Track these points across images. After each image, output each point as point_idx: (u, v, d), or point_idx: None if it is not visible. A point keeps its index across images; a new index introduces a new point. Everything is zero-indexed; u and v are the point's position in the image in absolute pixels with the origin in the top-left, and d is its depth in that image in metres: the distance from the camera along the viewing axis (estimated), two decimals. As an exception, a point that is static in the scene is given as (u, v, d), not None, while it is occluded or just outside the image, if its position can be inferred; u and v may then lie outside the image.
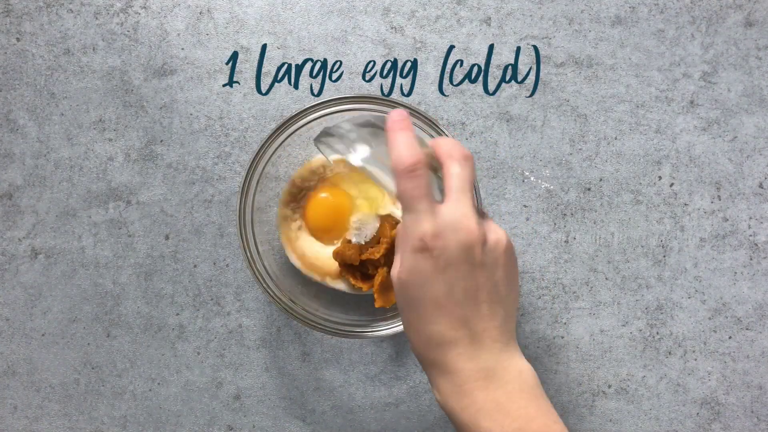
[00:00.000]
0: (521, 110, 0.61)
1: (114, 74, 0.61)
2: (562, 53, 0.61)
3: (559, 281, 0.61)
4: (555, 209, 0.61)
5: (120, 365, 0.61)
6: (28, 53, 0.61)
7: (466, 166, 0.44)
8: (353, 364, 0.61)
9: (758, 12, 0.61)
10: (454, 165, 0.44)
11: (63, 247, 0.61)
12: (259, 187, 0.55)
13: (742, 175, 0.61)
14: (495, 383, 0.43)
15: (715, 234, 0.61)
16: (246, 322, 0.61)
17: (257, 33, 0.61)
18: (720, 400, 0.60)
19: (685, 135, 0.61)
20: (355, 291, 0.59)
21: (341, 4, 0.61)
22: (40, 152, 0.61)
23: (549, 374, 0.61)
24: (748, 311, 0.61)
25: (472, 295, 0.43)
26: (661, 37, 0.61)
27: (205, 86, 0.61)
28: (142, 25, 0.61)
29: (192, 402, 0.61)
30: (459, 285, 0.43)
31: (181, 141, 0.61)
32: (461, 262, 0.43)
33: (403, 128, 0.45)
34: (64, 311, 0.61)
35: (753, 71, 0.61)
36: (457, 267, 0.43)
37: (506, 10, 0.61)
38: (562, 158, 0.61)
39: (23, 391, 0.61)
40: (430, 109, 0.61)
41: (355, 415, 0.61)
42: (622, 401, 0.61)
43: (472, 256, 0.43)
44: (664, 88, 0.61)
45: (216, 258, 0.61)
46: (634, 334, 0.61)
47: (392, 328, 0.54)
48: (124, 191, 0.61)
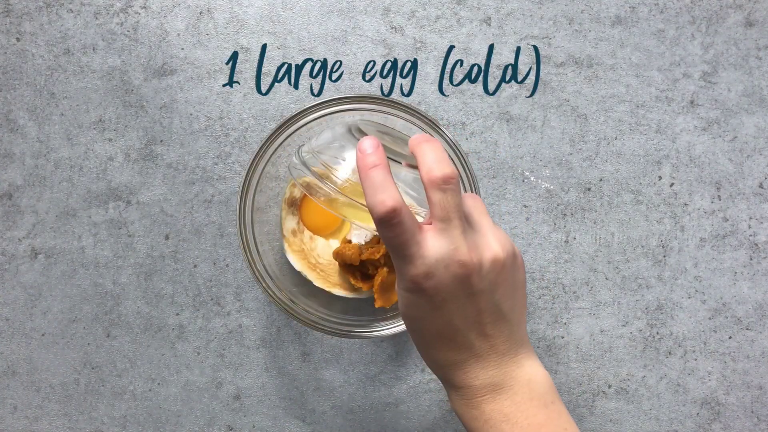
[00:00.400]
0: (521, 110, 0.61)
1: (114, 74, 0.61)
2: (562, 53, 0.61)
3: (559, 281, 0.61)
4: (555, 209, 0.61)
5: (120, 365, 0.61)
6: (28, 53, 0.61)
7: (448, 190, 0.41)
8: (353, 364, 0.61)
9: (758, 12, 0.61)
10: (435, 192, 0.41)
11: (63, 247, 0.61)
12: (259, 187, 0.55)
13: (742, 175, 0.61)
14: (503, 395, 0.43)
15: (715, 234, 0.61)
16: (246, 322, 0.61)
17: (257, 33, 0.61)
18: (720, 400, 0.60)
19: (685, 135, 0.61)
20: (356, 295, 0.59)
21: (341, 4, 0.61)
22: (40, 152, 0.61)
23: (549, 374, 0.60)
24: (748, 311, 0.61)
25: (474, 320, 0.42)
26: (661, 37, 0.61)
27: (205, 86, 0.61)
28: (142, 25, 0.61)
29: (192, 402, 0.61)
30: (458, 315, 0.42)
31: (181, 141, 0.61)
32: (458, 295, 0.41)
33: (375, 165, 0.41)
34: (64, 311, 0.61)
35: (753, 71, 0.61)
36: (454, 300, 0.41)
37: (506, 10, 0.61)
38: (562, 158, 0.61)
39: (23, 391, 0.61)
40: (430, 109, 0.61)
41: (355, 415, 0.61)
42: (622, 401, 0.60)
43: (469, 286, 0.41)
44: (664, 88, 0.61)
45: (216, 258, 0.61)
46: (634, 334, 0.61)
47: (392, 328, 0.54)
48: (124, 191, 0.61)
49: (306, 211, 0.59)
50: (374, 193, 0.40)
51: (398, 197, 0.40)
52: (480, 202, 0.45)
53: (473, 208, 0.44)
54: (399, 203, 0.40)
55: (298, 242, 0.59)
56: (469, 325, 0.42)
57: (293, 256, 0.59)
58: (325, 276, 0.59)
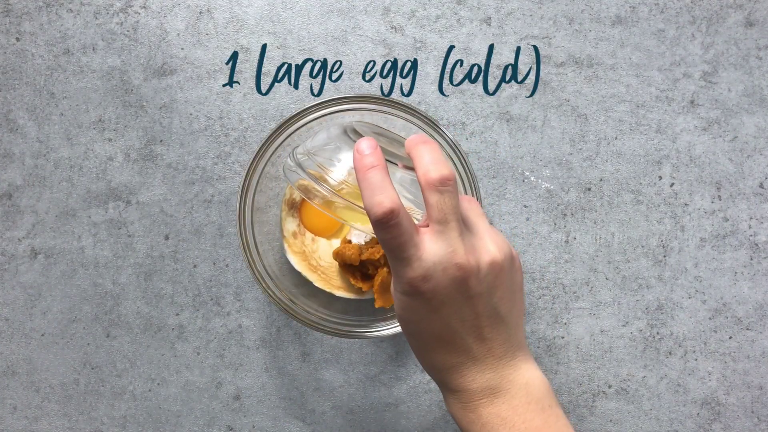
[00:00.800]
0: (521, 110, 0.61)
1: (114, 74, 0.61)
2: (563, 53, 0.61)
3: (559, 281, 0.61)
4: (555, 209, 0.61)
5: (120, 365, 0.61)
6: (27, 53, 0.61)
7: (446, 191, 0.40)
8: (353, 364, 0.61)
9: (758, 12, 0.61)
10: (432, 194, 0.40)
11: (63, 247, 0.61)
12: (259, 187, 0.55)
13: (742, 175, 0.61)
14: (500, 398, 0.43)
15: (715, 234, 0.61)
16: (246, 322, 0.61)
17: (257, 33, 0.61)
18: (720, 400, 0.60)
19: (685, 135, 0.61)
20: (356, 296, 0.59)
21: (341, 4, 0.61)
22: (40, 152, 0.61)
23: (549, 374, 0.60)
24: (749, 311, 0.60)
25: (471, 323, 0.42)
26: (661, 36, 0.61)
27: (205, 86, 0.61)
28: (142, 24, 0.61)
29: (192, 402, 0.61)
30: (456, 318, 0.42)
31: (180, 141, 0.61)
32: (455, 298, 0.41)
33: (373, 165, 0.41)
34: (63, 311, 0.61)
35: (753, 71, 0.61)
36: (451, 304, 0.41)
37: (506, 10, 0.61)
38: (563, 158, 0.61)
39: (23, 391, 0.61)
40: (430, 109, 0.61)
41: (355, 415, 0.61)
42: (623, 401, 0.60)
43: (467, 289, 0.41)
44: (664, 88, 0.61)
45: (216, 258, 0.61)
46: (635, 335, 0.60)
47: (392, 328, 0.54)
48: (124, 191, 0.61)
49: (306, 213, 0.59)
50: (372, 194, 0.40)
51: (396, 198, 0.40)
52: (476, 205, 0.45)
53: (469, 211, 0.44)
54: (397, 204, 0.40)
55: (299, 244, 0.59)
56: (467, 329, 0.42)
57: (294, 257, 0.59)
58: (326, 278, 0.59)
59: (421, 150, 0.42)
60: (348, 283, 0.58)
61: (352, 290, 0.59)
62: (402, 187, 0.45)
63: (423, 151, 0.42)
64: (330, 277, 0.59)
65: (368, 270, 0.57)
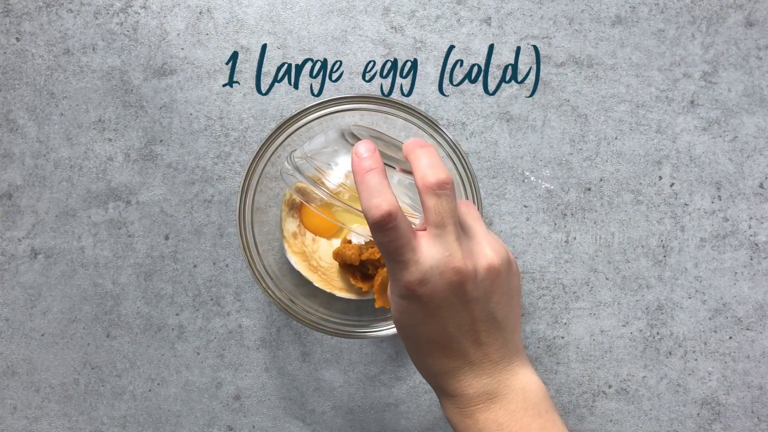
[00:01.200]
0: (521, 110, 0.61)
1: (114, 74, 0.61)
2: (563, 53, 0.61)
3: (559, 281, 0.61)
4: (555, 209, 0.61)
5: (120, 365, 0.61)
6: (27, 53, 0.61)
7: (443, 195, 0.40)
8: (353, 365, 0.61)
9: (758, 12, 0.61)
10: (429, 197, 0.40)
11: (62, 247, 0.61)
12: (259, 187, 0.55)
13: (742, 175, 0.61)
14: (497, 403, 0.42)
15: (715, 234, 0.61)
16: (246, 322, 0.61)
17: (257, 33, 0.61)
18: (720, 400, 0.60)
19: (685, 135, 0.61)
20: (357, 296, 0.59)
21: (341, 4, 0.61)
22: (40, 152, 0.61)
23: (549, 374, 0.60)
24: (749, 311, 0.60)
25: (468, 328, 0.42)
26: (661, 37, 0.61)
27: (205, 86, 0.61)
28: (142, 24, 0.61)
29: (192, 402, 0.61)
30: (452, 323, 0.42)
31: (180, 141, 0.61)
32: (452, 302, 0.41)
33: (372, 168, 0.41)
34: (63, 311, 0.61)
35: (753, 71, 0.61)
36: (448, 308, 0.41)
37: (506, 10, 0.61)
38: (563, 158, 0.61)
39: (23, 391, 0.61)
40: (430, 109, 0.61)
41: (355, 415, 0.61)
42: (623, 401, 0.60)
43: (463, 294, 0.41)
44: (664, 88, 0.61)
45: (216, 258, 0.61)
46: (635, 335, 0.60)
47: (392, 328, 0.54)
48: (124, 191, 0.61)
49: (306, 213, 0.59)
50: (370, 196, 0.40)
51: (394, 201, 0.40)
52: (473, 209, 0.45)
53: (467, 215, 0.44)
54: (395, 207, 0.39)
55: (299, 244, 0.59)
56: (464, 333, 0.42)
57: (294, 257, 0.59)
58: (326, 279, 0.59)
59: (418, 153, 0.42)
60: (348, 283, 0.58)
61: (352, 290, 0.59)
62: (400, 191, 0.45)
63: (421, 155, 0.42)
64: (330, 277, 0.59)
65: (368, 270, 0.57)
